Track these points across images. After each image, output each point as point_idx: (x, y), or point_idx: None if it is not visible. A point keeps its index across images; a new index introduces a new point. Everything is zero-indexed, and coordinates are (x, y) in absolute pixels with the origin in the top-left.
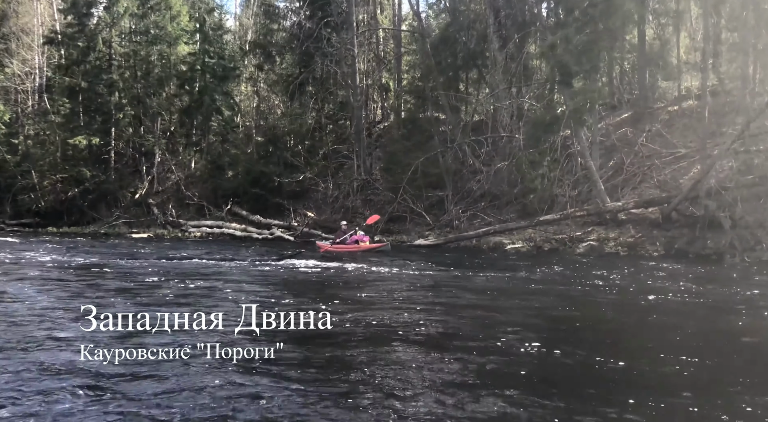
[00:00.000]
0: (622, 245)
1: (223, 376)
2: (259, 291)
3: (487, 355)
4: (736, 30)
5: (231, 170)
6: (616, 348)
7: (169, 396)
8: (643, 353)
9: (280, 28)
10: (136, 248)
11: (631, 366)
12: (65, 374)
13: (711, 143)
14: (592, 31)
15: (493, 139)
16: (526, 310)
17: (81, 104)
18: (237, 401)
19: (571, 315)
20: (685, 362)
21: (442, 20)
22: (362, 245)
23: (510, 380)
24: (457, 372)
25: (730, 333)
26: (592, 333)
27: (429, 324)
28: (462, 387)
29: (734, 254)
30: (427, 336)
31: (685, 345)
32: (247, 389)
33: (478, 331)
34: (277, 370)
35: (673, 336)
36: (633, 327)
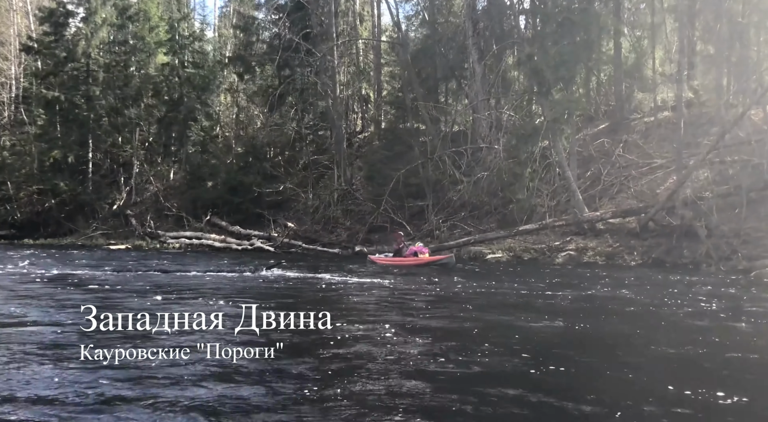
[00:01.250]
0: (600, 254)
1: (222, 376)
2: (239, 301)
3: (468, 364)
4: (710, 42)
5: (210, 181)
6: (594, 359)
7: (169, 396)
8: (618, 364)
9: (259, 40)
10: (114, 260)
11: (605, 379)
12: (64, 375)
13: (687, 153)
14: (569, 42)
15: (472, 149)
16: (504, 320)
17: (58, 115)
18: (236, 401)
19: (548, 325)
20: (659, 371)
21: (421, 32)
22: (422, 257)
23: (486, 387)
24: (433, 381)
25: (707, 343)
26: (569, 344)
27: (408, 334)
28: (440, 393)
29: (710, 264)
30: (407, 344)
31: (661, 355)
32: (246, 389)
33: (457, 341)
34: (276, 370)
35: (648, 345)
36: (610, 337)
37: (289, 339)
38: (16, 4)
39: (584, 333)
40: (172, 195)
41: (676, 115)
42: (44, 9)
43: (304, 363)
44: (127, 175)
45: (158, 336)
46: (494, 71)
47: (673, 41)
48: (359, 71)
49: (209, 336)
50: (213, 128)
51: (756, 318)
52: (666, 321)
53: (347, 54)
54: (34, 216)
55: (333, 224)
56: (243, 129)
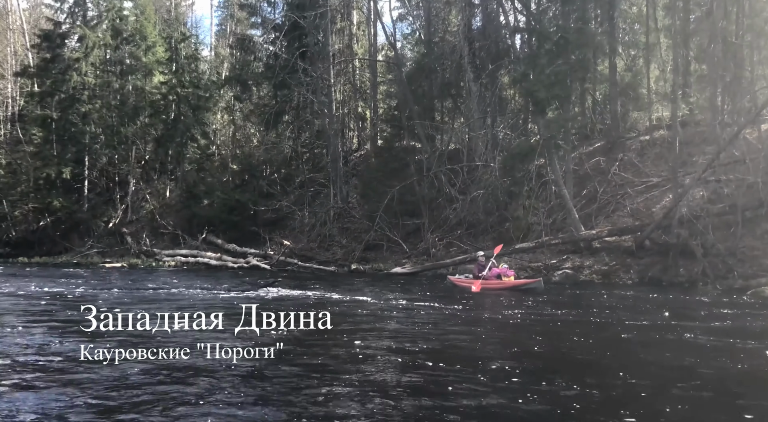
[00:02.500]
0: (596, 272)
1: (222, 376)
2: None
3: (461, 382)
4: (704, 62)
5: (206, 199)
6: (591, 378)
7: (169, 395)
8: (615, 382)
9: (256, 59)
10: (109, 278)
11: (602, 396)
12: (66, 374)
13: (682, 172)
14: (564, 62)
15: (468, 168)
16: (500, 338)
17: (54, 134)
18: (235, 399)
19: (544, 344)
20: (655, 392)
21: (417, 51)
22: (507, 280)
23: (478, 402)
24: (429, 398)
25: (703, 363)
26: (566, 363)
27: (403, 353)
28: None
29: (707, 282)
30: (402, 364)
31: (657, 375)
32: (245, 388)
33: (453, 358)
34: (274, 370)
35: (645, 364)
36: (606, 356)
37: (289, 340)
38: (13, 23)
39: (580, 352)
40: (168, 213)
41: (671, 134)
42: (41, 31)
43: (303, 365)
44: (123, 193)
45: (158, 337)
46: (490, 90)
47: (667, 61)
48: (355, 90)
49: (209, 336)
50: (209, 146)
51: (753, 336)
52: (663, 341)
53: (343, 73)
54: (29, 234)
55: (329, 242)
56: (239, 147)
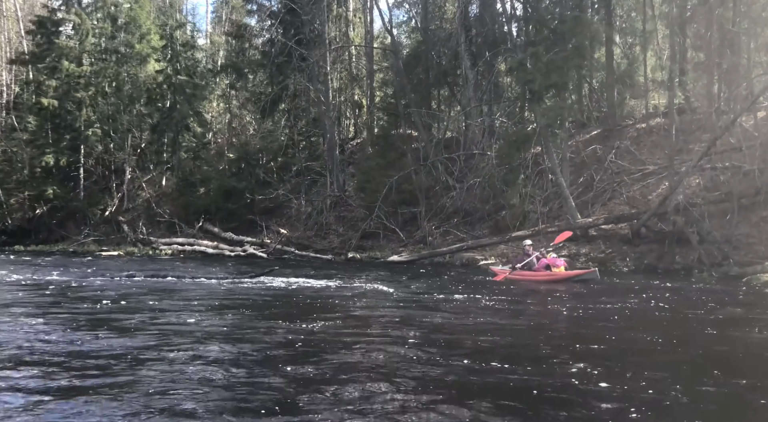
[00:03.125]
0: (593, 260)
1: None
2: (233, 308)
3: (457, 371)
4: (701, 50)
5: (203, 187)
6: (586, 364)
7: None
8: (609, 368)
9: (251, 46)
10: (106, 266)
11: (595, 383)
12: (57, 370)
13: (678, 159)
14: (561, 49)
15: (465, 156)
16: (497, 326)
17: (49, 122)
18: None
19: (538, 332)
20: (651, 376)
21: (413, 38)
22: (557, 271)
23: (472, 395)
24: (422, 385)
25: (699, 349)
26: (558, 350)
27: (400, 341)
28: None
29: (702, 270)
30: (397, 351)
31: (652, 362)
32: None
33: (446, 346)
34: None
35: (641, 351)
36: (602, 343)
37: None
38: (8, 10)
39: (578, 339)
40: (164, 201)
41: (667, 121)
42: (36, 17)
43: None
44: (119, 181)
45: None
46: (486, 78)
47: (664, 48)
48: (352, 77)
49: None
50: (205, 134)
51: (749, 323)
52: (659, 328)
53: (339, 60)
54: (26, 222)
55: (326, 231)
56: (235, 136)
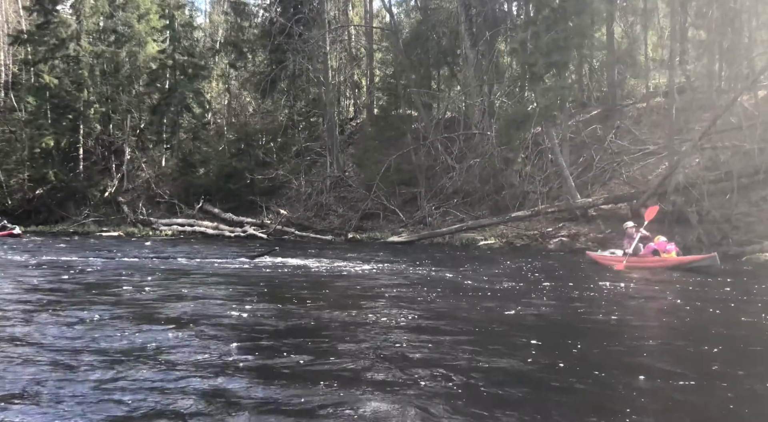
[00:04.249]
0: (592, 240)
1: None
2: (235, 287)
3: (455, 353)
4: (702, 28)
5: (202, 168)
6: (586, 345)
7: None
8: (614, 350)
9: (251, 25)
10: (108, 247)
11: (593, 365)
12: (60, 362)
13: (678, 139)
14: (561, 28)
15: (465, 136)
16: (495, 308)
17: (48, 102)
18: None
19: (537, 311)
20: (654, 355)
21: (413, 18)
22: (668, 257)
23: (473, 380)
24: (420, 368)
25: (699, 328)
26: (557, 331)
27: (399, 322)
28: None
29: (702, 249)
30: (398, 333)
31: (656, 341)
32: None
33: (448, 328)
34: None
35: (644, 331)
36: (602, 324)
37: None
38: None
39: (579, 320)
40: (164, 182)
41: (668, 101)
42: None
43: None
44: (118, 162)
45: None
46: (487, 57)
47: (665, 27)
48: (351, 57)
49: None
50: (205, 115)
51: (747, 302)
52: (659, 308)
53: (339, 40)
54: (26, 203)
55: (326, 211)
56: (235, 116)
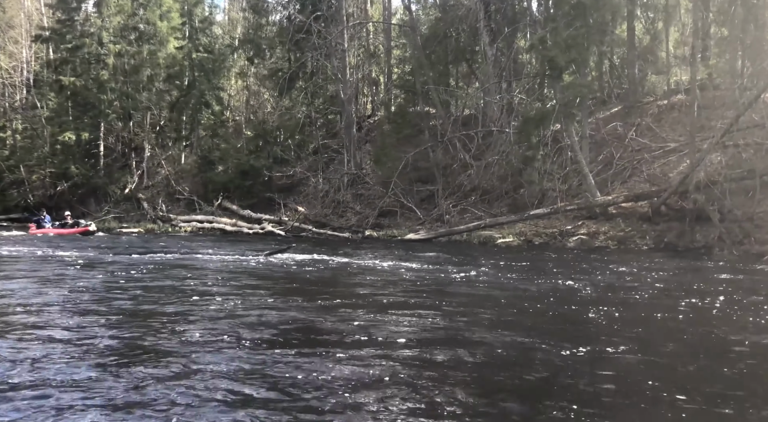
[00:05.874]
0: (612, 238)
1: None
2: (251, 284)
3: (473, 350)
4: (724, 25)
5: (221, 165)
6: (603, 344)
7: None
8: (631, 349)
9: (269, 23)
10: (129, 243)
11: (615, 363)
12: (70, 357)
13: (700, 137)
14: (581, 25)
15: (483, 133)
16: (514, 305)
17: (69, 99)
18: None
19: (556, 310)
20: (667, 361)
21: (432, 14)
22: None
23: (491, 377)
24: (437, 365)
25: (718, 329)
26: (578, 329)
27: (419, 320)
28: (441, 381)
29: (723, 248)
30: (418, 331)
31: (671, 342)
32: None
33: (466, 326)
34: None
35: (658, 332)
36: (622, 322)
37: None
38: None
39: (598, 319)
40: (183, 179)
41: (689, 98)
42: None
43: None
44: (138, 159)
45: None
46: (505, 54)
47: (687, 23)
48: (369, 55)
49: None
50: (223, 112)
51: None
52: (680, 308)
53: (357, 37)
54: (47, 199)
55: (343, 209)
56: (253, 113)
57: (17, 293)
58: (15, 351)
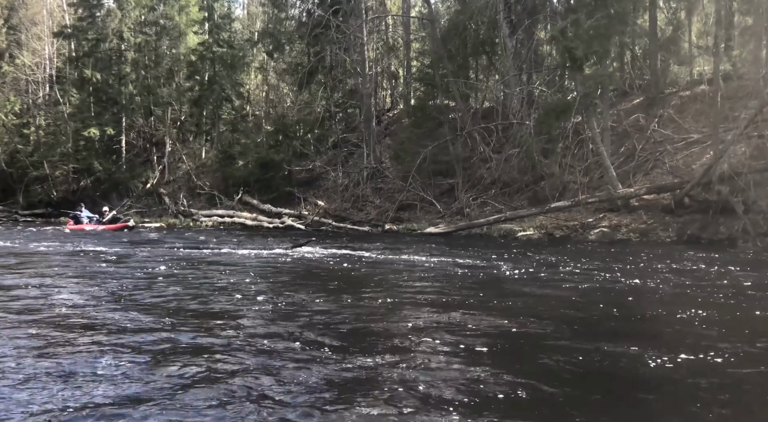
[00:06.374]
0: (634, 231)
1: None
2: (275, 278)
3: (497, 344)
4: (748, 14)
5: (241, 159)
6: (632, 339)
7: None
8: (654, 343)
9: (288, 17)
10: (165, 238)
11: (637, 359)
12: (86, 353)
13: (723, 128)
14: (602, 15)
15: (503, 126)
16: (536, 298)
17: (92, 95)
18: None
19: (578, 303)
20: (691, 355)
21: (451, 6)
22: None
23: (513, 371)
24: (463, 362)
25: (744, 322)
26: (601, 323)
27: (442, 314)
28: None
29: (747, 240)
30: (440, 326)
31: (699, 335)
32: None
33: (490, 319)
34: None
35: (685, 325)
36: (645, 316)
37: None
38: None
39: (618, 313)
40: (204, 174)
41: (713, 88)
42: None
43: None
44: (160, 154)
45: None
46: (526, 46)
47: (710, 13)
48: (388, 48)
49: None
50: (243, 106)
51: None
52: (705, 301)
53: (376, 30)
54: (70, 194)
55: (362, 202)
56: (273, 108)
57: (54, 291)
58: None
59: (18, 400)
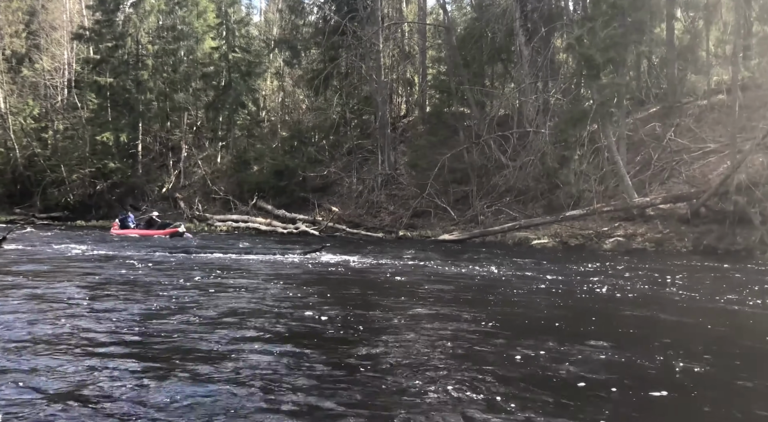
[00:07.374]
0: (649, 240)
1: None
2: (287, 284)
3: (506, 354)
4: (767, 23)
5: (256, 165)
6: (641, 349)
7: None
8: (667, 352)
9: (305, 23)
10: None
11: (651, 368)
12: (102, 353)
13: (741, 137)
14: (619, 24)
15: (519, 134)
16: (549, 307)
17: (109, 100)
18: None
19: (593, 312)
20: (705, 365)
21: (467, 14)
22: None
23: (525, 379)
24: (474, 369)
25: (757, 334)
26: (615, 333)
27: (454, 321)
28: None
29: (764, 251)
30: (451, 334)
31: (712, 346)
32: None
33: (501, 327)
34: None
35: (699, 336)
36: (662, 326)
37: None
38: None
39: (635, 325)
40: (219, 179)
41: (730, 98)
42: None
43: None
44: (175, 158)
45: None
46: (542, 54)
47: (728, 22)
48: (404, 55)
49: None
50: (259, 112)
51: None
52: (720, 313)
53: (392, 37)
54: (87, 198)
55: (377, 209)
56: (288, 113)
57: (90, 298)
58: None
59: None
